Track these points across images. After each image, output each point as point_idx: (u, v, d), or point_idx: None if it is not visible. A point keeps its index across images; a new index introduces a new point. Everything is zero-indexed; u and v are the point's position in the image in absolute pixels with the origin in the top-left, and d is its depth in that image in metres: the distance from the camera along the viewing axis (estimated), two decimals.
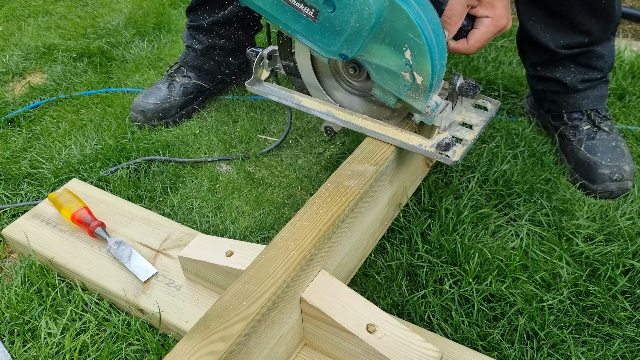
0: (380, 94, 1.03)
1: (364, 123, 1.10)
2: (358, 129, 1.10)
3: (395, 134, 1.06)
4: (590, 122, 1.36)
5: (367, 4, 0.89)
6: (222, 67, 1.65)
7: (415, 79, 0.96)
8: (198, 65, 1.62)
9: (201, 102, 1.67)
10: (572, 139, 1.36)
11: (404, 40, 0.92)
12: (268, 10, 1.00)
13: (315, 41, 0.98)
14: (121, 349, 1.00)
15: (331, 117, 1.14)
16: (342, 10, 0.92)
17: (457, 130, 1.08)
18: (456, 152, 1.02)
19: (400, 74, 0.97)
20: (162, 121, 1.59)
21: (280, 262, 0.83)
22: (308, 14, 0.96)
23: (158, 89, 1.61)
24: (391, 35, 0.93)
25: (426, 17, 0.92)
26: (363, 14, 0.90)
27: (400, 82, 0.98)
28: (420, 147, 1.04)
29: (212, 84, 1.67)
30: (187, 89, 1.62)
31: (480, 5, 1.00)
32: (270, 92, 1.20)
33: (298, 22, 0.98)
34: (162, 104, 1.58)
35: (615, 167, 1.28)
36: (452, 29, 1.01)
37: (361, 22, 0.91)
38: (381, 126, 1.08)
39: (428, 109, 1.00)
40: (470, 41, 1.03)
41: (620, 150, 1.31)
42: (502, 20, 1.01)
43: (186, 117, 1.63)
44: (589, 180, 1.30)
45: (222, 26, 1.56)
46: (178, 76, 1.64)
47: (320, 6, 0.93)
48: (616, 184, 1.27)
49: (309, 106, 1.16)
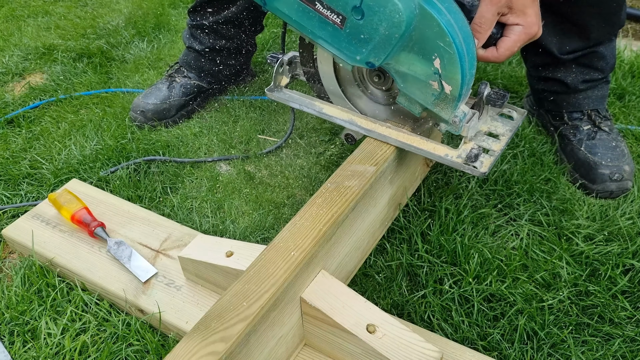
0: (406, 103, 1.01)
1: (388, 132, 1.07)
2: (382, 138, 1.07)
3: (421, 143, 1.04)
4: (590, 122, 1.36)
5: (397, 11, 0.87)
6: (222, 68, 1.64)
7: (443, 89, 0.93)
8: (198, 66, 1.62)
9: (201, 103, 1.67)
10: (572, 139, 1.36)
11: (433, 48, 0.90)
12: (293, 16, 0.98)
13: (341, 49, 0.96)
14: (121, 349, 1.00)
15: (353, 126, 1.11)
16: (371, 17, 0.89)
17: (483, 140, 1.05)
18: (484, 163, 1.00)
19: (428, 83, 0.95)
20: (161, 121, 1.59)
21: (281, 263, 0.83)
22: (335, 20, 0.94)
23: (158, 90, 1.61)
24: (420, 43, 0.90)
25: (457, 25, 0.89)
26: (393, 22, 0.88)
27: (427, 91, 0.96)
28: (446, 157, 1.02)
29: (212, 84, 1.67)
30: (187, 89, 1.62)
31: (511, 13, 0.97)
32: (290, 99, 1.18)
33: (324, 29, 0.96)
34: (162, 104, 1.58)
35: (616, 167, 1.28)
36: (482, 37, 0.97)
37: (390, 30, 0.89)
38: (406, 135, 1.06)
39: (456, 119, 0.98)
40: (500, 49, 1.00)
41: (621, 150, 1.31)
42: (534, 28, 0.98)
43: (186, 117, 1.63)
44: (589, 180, 1.30)
45: (224, 26, 1.56)
46: (178, 77, 1.64)
47: (348, 13, 0.91)
48: (616, 183, 1.27)
49: (330, 114, 1.14)
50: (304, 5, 0.95)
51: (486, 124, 1.09)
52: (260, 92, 1.73)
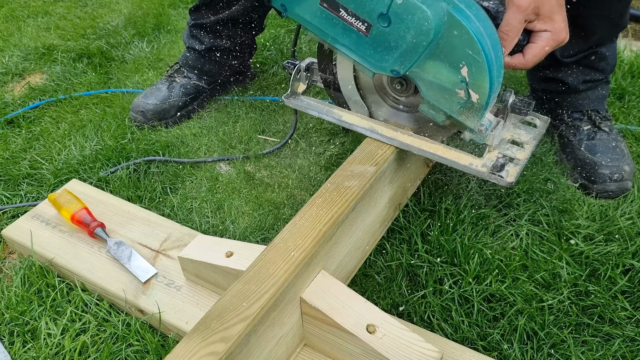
0: (429, 111, 0.99)
1: (410, 140, 1.06)
2: (404, 147, 1.06)
3: (445, 152, 1.03)
4: (590, 122, 1.36)
5: (426, 19, 0.85)
6: (222, 69, 1.64)
7: (470, 97, 0.92)
8: (199, 66, 1.62)
9: (200, 103, 1.67)
10: (572, 139, 1.36)
11: (461, 56, 0.88)
12: (315, 23, 0.97)
13: (365, 56, 0.95)
14: (121, 349, 1.00)
15: (375, 134, 1.09)
16: (398, 25, 0.88)
17: (507, 148, 1.04)
18: (510, 173, 0.99)
19: (454, 91, 0.93)
20: (161, 122, 1.58)
21: (281, 263, 0.83)
22: (360, 28, 0.92)
23: (158, 90, 1.61)
24: (447, 51, 0.89)
25: (486, 33, 0.87)
26: (421, 30, 0.86)
27: (453, 99, 0.94)
28: (471, 166, 1.01)
29: (212, 85, 1.67)
30: (187, 89, 1.62)
31: (538, 20, 0.95)
32: (308, 107, 1.17)
33: (347, 36, 0.94)
34: (162, 104, 1.58)
35: (615, 167, 1.28)
36: (509, 45, 0.95)
37: (418, 38, 0.87)
38: (429, 144, 1.05)
39: (482, 128, 0.96)
40: (527, 56, 0.98)
41: (620, 151, 1.31)
42: (562, 34, 0.97)
43: (186, 117, 1.63)
44: (588, 180, 1.30)
45: (225, 26, 1.56)
46: (178, 77, 1.64)
47: (374, 20, 0.90)
48: (616, 184, 1.27)
49: (350, 121, 1.12)
50: (328, 12, 0.94)
51: (509, 132, 1.08)
52: (260, 92, 1.73)
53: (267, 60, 1.86)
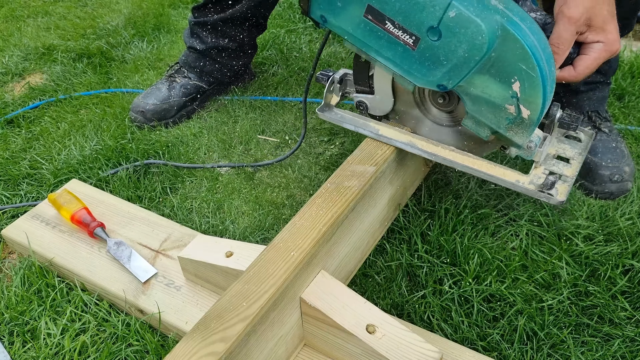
0: (473, 126, 0.95)
1: (452, 155, 1.03)
2: (446, 162, 1.03)
3: (489, 168, 1.00)
4: (590, 123, 1.36)
5: (480, 32, 0.82)
6: (223, 69, 1.64)
7: (520, 113, 0.88)
8: (199, 67, 1.62)
9: (200, 103, 1.67)
10: None
11: (514, 71, 0.85)
12: (358, 35, 0.93)
13: (410, 70, 0.91)
14: (121, 349, 1.00)
15: (414, 149, 1.06)
16: (449, 39, 0.84)
17: (553, 164, 1.01)
18: (559, 191, 0.96)
19: (503, 107, 0.89)
20: (161, 122, 1.58)
21: (280, 263, 0.83)
22: (407, 41, 0.89)
23: (158, 90, 1.61)
24: (499, 65, 0.85)
25: (540, 47, 0.84)
26: (474, 44, 0.83)
27: (501, 115, 0.90)
28: (518, 184, 0.98)
29: (213, 85, 1.67)
30: (187, 90, 1.62)
31: (589, 31, 0.92)
32: (343, 120, 1.12)
33: (393, 50, 0.91)
34: (162, 104, 1.58)
35: (616, 168, 1.28)
36: (560, 58, 0.92)
37: (470, 53, 0.84)
38: (473, 160, 1.02)
39: (531, 144, 0.93)
40: (578, 68, 0.95)
41: (621, 151, 1.31)
42: (615, 44, 0.93)
43: (185, 117, 1.63)
44: (588, 181, 1.30)
45: (228, 24, 1.56)
46: (178, 77, 1.63)
47: (423, 34, 0.86)
48: (616, 185, 1.27)
49: (388, 136, 1.08)
50: (372, 25, 0.91)
51: (554, 146, 1.05)
52: (260, 92, 1.73)
53: (267, 60, 1.86)
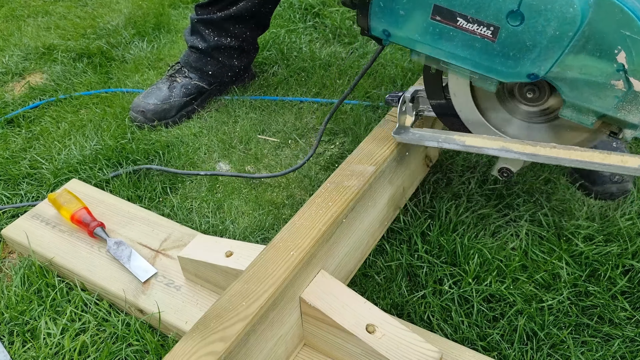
0: (574, 115, 0.87)
1: (555, 152, 0.93)
2: (550, 161, 0.93)
3: (604, 158, 0.91)
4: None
5: (569, 4, 0.74)
6: (225, 69, 1.64)
7: (631, 86, 0.80)
8: (200, 67, 1.62)
9: (201, 103, 1.66)
10: None
11: (615, 41, 0.76)
12: (427, 41, 0.88)
13: (493, 65, 0.85)
14: (121, 349, 1.00)
15: (510, 153, 0.96)
16: (534, 20, 0.77)
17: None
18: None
19: (608, 84, 0.81)
20: (161, 122, 1.58)
21: (280, 263, 0.83)
22: (484, 34, 0.82)
23: (158, 89, 1.61)
24: (596, 39, 0.77)
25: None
26: (565, 18, 0.76)
27: (607, 94, 0.82)
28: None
29: (213, 85, 1.66)
30: (187, 89, 1.61)
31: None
32: (423, 138, 1.04)
33: (469, 47, 0.85)
34: (163, 104, 1.58)
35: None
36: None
37: (562, 29, 0.77)
38: (580, 152, 0.92)
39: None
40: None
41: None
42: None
43: (186, 117, 1.63)
44: (589, 181, 1.30)
45: (232, 22, 1.55)
46: (179, 77, 1.63)
47: (502, 22, 0.80)
48: (617, 185, 1.26)
49: (477, 145, 0.99)
50: (442, 25, 0.85)
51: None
52: (260, 92, 1.73)
53: (267, 60, 1.86)
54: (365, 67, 1.13)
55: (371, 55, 1.82)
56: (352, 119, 1.54)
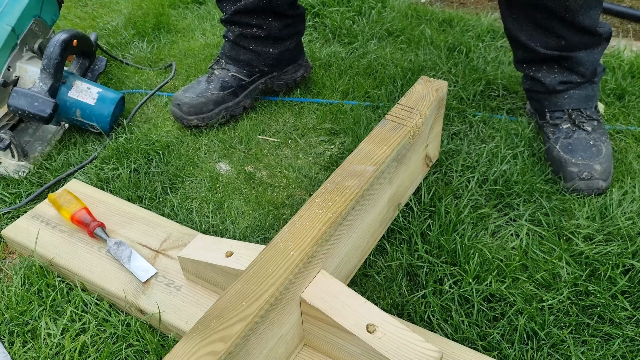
0: None
1: None
2: None
3: None
4: (570, 121, 1.37)
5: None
6: (259, 57, 1.55)
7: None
8: (235, 56, 1.55)
9: (245, 99, 1.56)
10: (550, 137, 1.37)
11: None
12: None
13: None
14: (121, 349, 1.00)
15: None
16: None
17: None
18: None
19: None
20: (198, 116, 1.51)
21: (280, 262, 0.83)
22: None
23: (197, 83, 1.55)
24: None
25: None
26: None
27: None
28: None
29: (252, 76, 1.57)
30: (225, 82, 1.54)
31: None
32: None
33: None
34: (199, 97, 1.51)
35: (585, 166, 1.27)
36: None
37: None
38: None
39: None
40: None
41: (597, 150, 1.30)
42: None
43: (229, 117, 1.55)
44: (561, 178, 1.31)
45: (247, 16, 1.49)
46: (217, 68, 1.57)
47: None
48: (585, 182, 1.26)
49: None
50: None
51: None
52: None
53: None
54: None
55: (371, 55, 1.82)
56: (352, 119, 1.54)
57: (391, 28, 1.96)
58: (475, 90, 1.62)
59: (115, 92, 1.55)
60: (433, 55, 1.79)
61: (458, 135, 1.47)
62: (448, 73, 1.70)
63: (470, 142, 1.43)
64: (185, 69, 1.86)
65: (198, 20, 2.15)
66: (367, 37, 1.92)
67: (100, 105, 1.51)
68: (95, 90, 1.51)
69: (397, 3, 2.12)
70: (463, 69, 1.71)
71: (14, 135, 1.42)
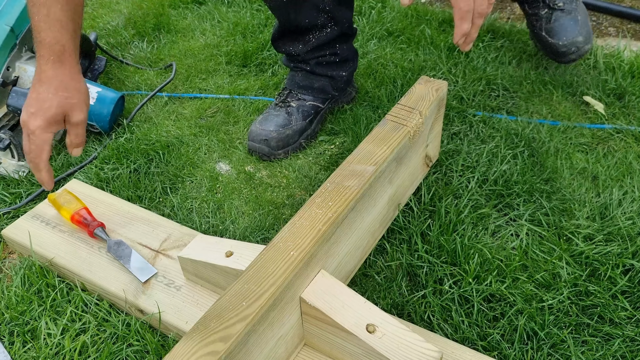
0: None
1: None
2: None
3: None
4: (546, 7, 1.56)
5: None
6: (333, 81, 1.52)
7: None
8: (309, 85, 1.51)
9: (317, 124, 1.54)
10: (535, 25, 1.58)
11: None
12: None
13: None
14: (121, 349, 1.00)
15: None
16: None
17: None
18: None
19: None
20: (285, 149, 1.47)
21: (280, 262, 0.83)
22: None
23: (275, 116, 1.48)
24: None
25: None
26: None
27: None
28: None
29: (325, 102, 1.55)
30: (305, 112, 1.50)
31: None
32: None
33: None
34: (285, 130, 1.46)
35: (570, 44, 1.50)
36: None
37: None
38: None
39: None
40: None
41: (574, 22, 1.52)
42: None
43: (303, 145, 1.51)
44: (552, 57, 1.57)
45: (321, 48, 1.47)
46: (293, 101, 1.52)
47: None
48: (575, 54, 1.52)
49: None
50: None
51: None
52: (260, 92, 1.73)
53: (267, 60, 1.86)
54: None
55: (371, 55, 1.82)
56: (352, 119, 1.54)
57: (391, 28, 1.96)
58: (475, 90, 1.62)
59: (114, 92, 1.55)
60: (433, 55, 1.79)
61: (458, 135, 1.47)
62: (448, 73, 1.70)
63: (470, 142, 1.43)
64: (185, 69, 1.86)
65: (198, 20, 2.15)
66: (367, 37, 1.92)
67: (99, 104, 1.51)
68: (95, 89, 1.51)
69: (397, 3, 2.12)
70: (463, 69, 1.71)
71: (14, 135, 1.42)
